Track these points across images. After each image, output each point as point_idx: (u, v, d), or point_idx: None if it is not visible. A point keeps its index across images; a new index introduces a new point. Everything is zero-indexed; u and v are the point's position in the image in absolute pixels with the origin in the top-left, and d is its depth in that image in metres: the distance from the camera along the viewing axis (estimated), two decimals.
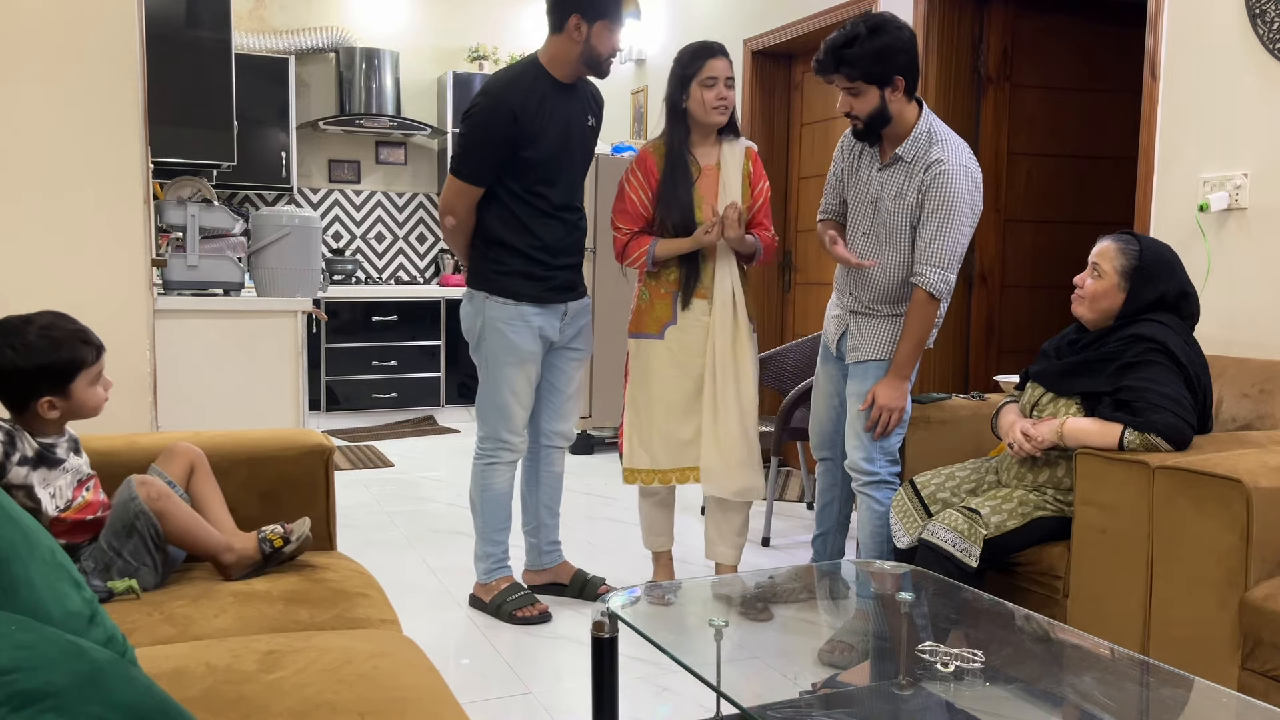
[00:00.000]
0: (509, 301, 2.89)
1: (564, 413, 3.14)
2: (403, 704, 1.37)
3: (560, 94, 2.88)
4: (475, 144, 2.81)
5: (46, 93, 2.74)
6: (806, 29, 4.68)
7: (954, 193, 2.63)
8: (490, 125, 2.77)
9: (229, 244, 3.52)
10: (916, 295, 2.69)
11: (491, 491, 3.04)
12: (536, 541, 3.23)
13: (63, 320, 1.87)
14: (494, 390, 2.95)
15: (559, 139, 2.87)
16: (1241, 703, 1.63)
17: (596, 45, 2.81)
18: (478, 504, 3.07)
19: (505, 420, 2.97)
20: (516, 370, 2.93)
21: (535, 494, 3.21)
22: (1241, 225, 2.87)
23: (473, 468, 3.07)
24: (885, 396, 2.73)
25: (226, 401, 3.36)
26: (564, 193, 2.93)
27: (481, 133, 2.79)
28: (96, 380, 1.89)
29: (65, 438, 1.93)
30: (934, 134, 2.69)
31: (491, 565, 3.09)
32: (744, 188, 3.03)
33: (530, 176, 2.84)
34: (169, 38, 5.16)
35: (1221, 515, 1.99)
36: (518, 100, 2.78)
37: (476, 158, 2.81)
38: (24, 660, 0.87)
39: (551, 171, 2.88)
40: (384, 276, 7.02)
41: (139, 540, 1.86)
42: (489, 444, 3.01)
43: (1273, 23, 2.78)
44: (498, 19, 7.08)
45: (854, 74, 2.63)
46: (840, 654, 1.95)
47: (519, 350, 2.91)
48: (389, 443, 5.85)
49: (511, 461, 3.04)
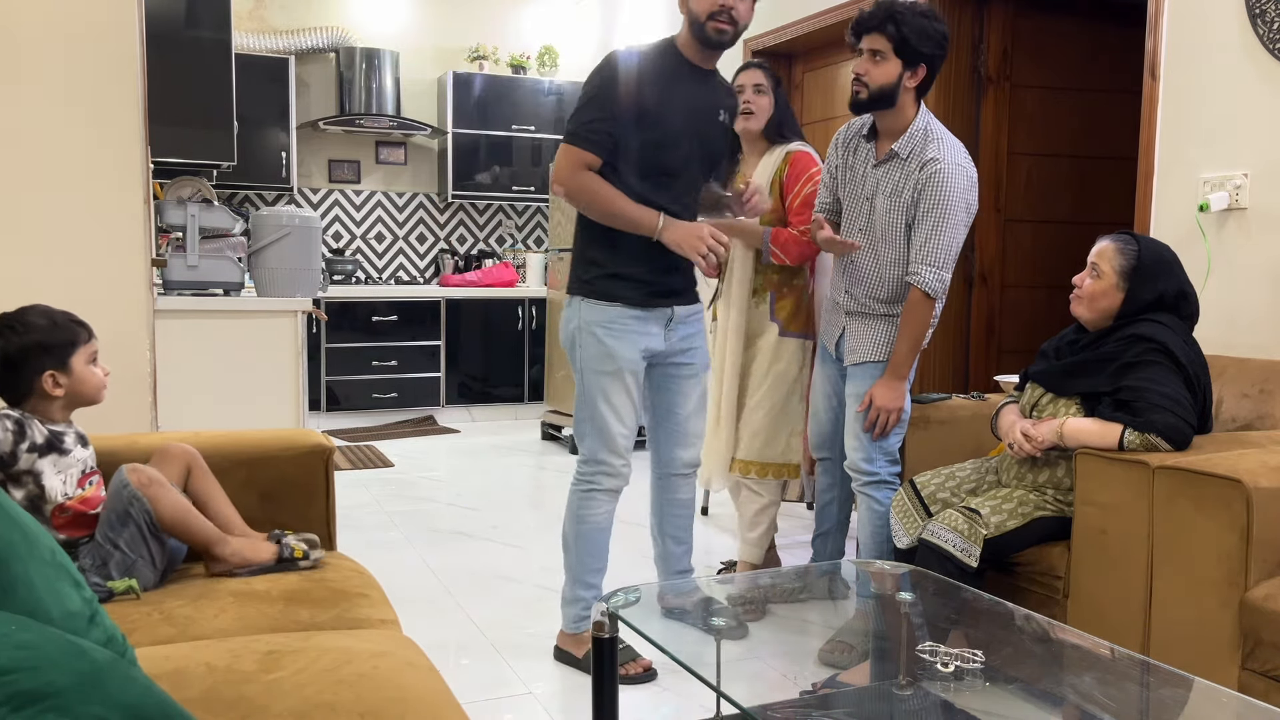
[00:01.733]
0: (605, 304, 2.58)
1: (684, 436, 2.77)
2: (403, 704, 1.37)
3: (691, 77, 2.59)
4: (591, 105, 2.51)
5: (46, 92, 2.74)
6: (806, 29, 4.68)
7: (949, 192, 2.63)
8: (610, 84, 2.49)
9: (229, 244, 3.52)
10: (912, 295, 2.69)
11: (588, 524, 2.66)
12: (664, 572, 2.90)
13: (50, 308, 1.96)
14: (590, 405, 2.61)
15: (682, 123, 2.56)
16: (1241, 703, 1.63)
17: (694, 6, 2.51)
18: (570, 539, 2.70)
19: (604, 440, 2.61)
20: (614, 381, 2.59)
21: (660, 523, 2.87)
22: (1241, 225, 2.87)
23: (569, 496, 2.71)
24: (882, 397, 2.73)
25: (226, 401, 3.36)
26: (679, 191, 2.61)
27: (600, 91, 2.50)
28: (93, 360, 1.97)
29: (73, 429, 1.95)
30: (930, 132, 2.69)
31: (582, 612, 2.70)
32: (773, 192, 3.11)
33: (648, 161, 2.54)
34: (169, 38, 5.16)
35: (1221, 515, 1.99)
36: (642, 65, 2.52)
37: (589, 119, 2.50)
38: (24, 660, 0.87)
39: (672, 159, 2.57)
40: (384, 276, 7.02)
41: (135, 529, 1.87)
42: (588, 467, 2.65)
43: (1273, 23, 2.78)
44: (498, 19, 7.07)
45: (895, 36, 2.62)
46: (840, 654, 1.96)
47: (617, 357, 2.58)
48: (389, 443, 5.85)
49: (613, 490, 2.66)
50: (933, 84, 2.72)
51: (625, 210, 2.51)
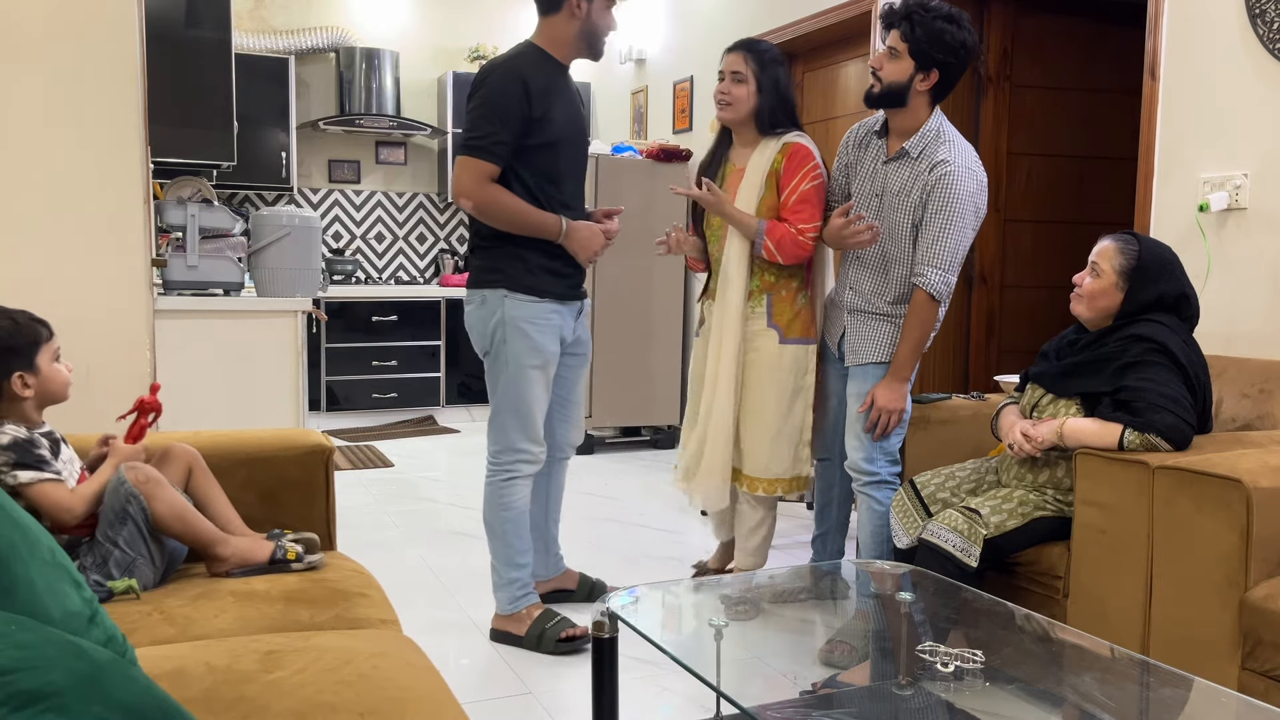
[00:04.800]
0: (533, 299, 2.69)
1: (575, 421, 2.99)
2: (403, 704, 1.37)
3: (564, 78, 2.75)
4: (486, 117, 2.60)
5: (47, 93, 2.74)
6: (806, 29, 4.68)
7: (958, 194, 2.63)
8: (504, 93, 2.58)
9: (229, 244, 3.52)
10: (917, 296, 2.69)
11: (512, 510, 2.78)
12: (543, 552, 3.08)
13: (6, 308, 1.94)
14: (517, 397, 2.71)
15: (567, 124, 2.72)
16: (1241, 703, 1.63)
17: (598, 21, 2.70)
18: (495, 527, 2.79)
19: (526, 429, 2.74)
20: (540, 373, 2.72)
21: (543, 507, 3.06)
22: (1241, 225, 2.87)
23: (486, 489, 2.81)
24: (884, 398, 2.72)
25: (226, 401, 3.36)
26: (571, 190, 2.79)
27: (495, 102, 2.59)
28: (56, 358, 1.96)
29: (46, 430, 1.94)
30: (943, 134, 2.69)
31: (517, 593, 2.82)
32: (767, 185, 2.91)
33: (539, 165, 2.67)
34: (169, 38, 5.16)
35: (1221, 515, 1.99)
36: (529, 72, 2.62)
37: (487, 132, 2.59)
38: (24, 660, 0.87)
39: (559, 163, 2.72)
40: (384, 276, 7.02)
41: (133, 527, 1.87)
42: (506, 456, 2.76)
43: (1273, 23, 2.78)
44: (498, 19, 7.07)
45: (909, 36, 2.64)
46: (840, 654, 1.95)
47: (543, 351, 2.71)
48: (389, 443, 5.85)
49: (531, 475, 2.80)
50: (950, 90, 2.71)
51: (532, 218, 2.68)
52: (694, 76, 5.82)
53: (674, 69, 6.08)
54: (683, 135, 5.92)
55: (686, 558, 3.65)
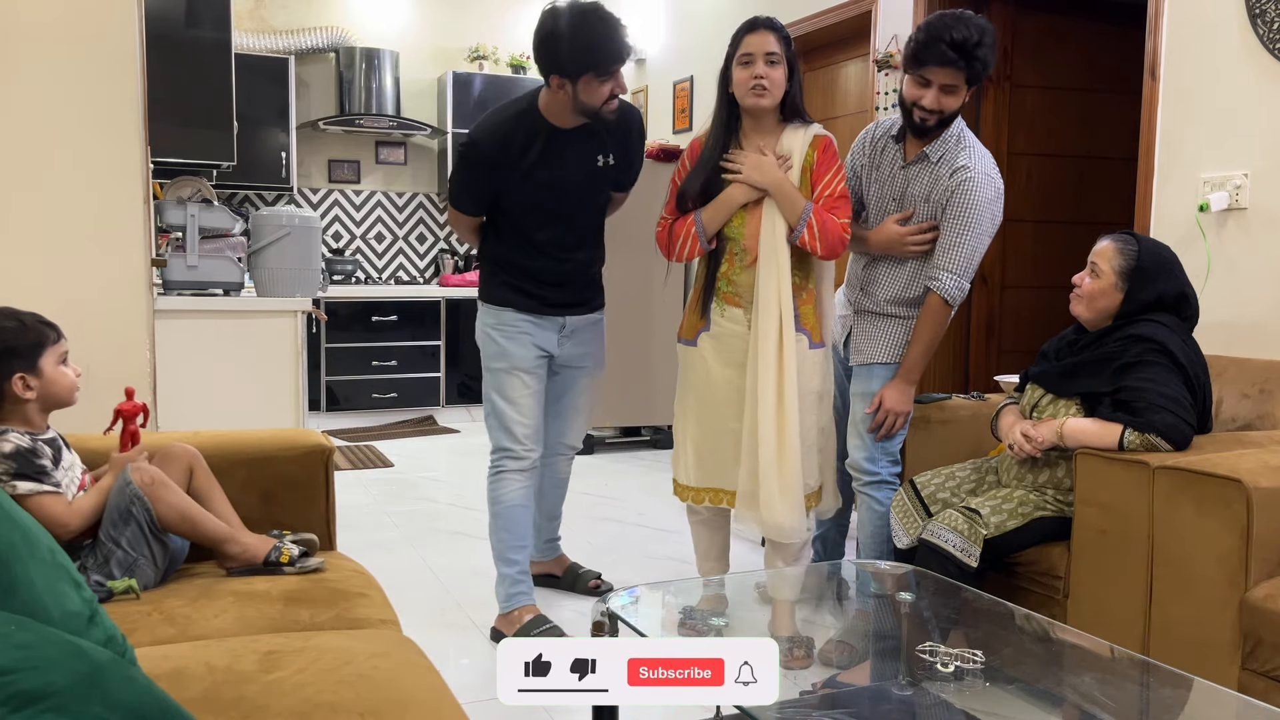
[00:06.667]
0: (499, 308, 2.84)
1: (573, 425, 3.09)
2: (403, 704, 1.37)
3: (557, 138, 2.68)
4: (461, 181, 2.80)
5: (47, 93, 2.74)
6: (807, 29, 4.68)
7: (976, 201, 2.62)
8: (471, 168, 2.73)
9: (229, 244, 3.52)
10: (930, 300, 2.68)
11: (503, 504, 2.86)
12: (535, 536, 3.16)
13: (16, 310, 1.92)
14: (490, 397, 2.88)
15: (546, 186, 2.70)
16: (1241, 703, 1.63)
17: (586, 99, 2.57)
18: (489, 521, 2.91)
19: (504, 428, 2.85)
20: (510, 377, 2.82)
21: (539, 500, 3.13)
22: (1241, 225, 2.87)
23: (486, 485, 2.94)
24: (893, 400, 2.72)
25: (226, 401, 3.35)
26: (556, 235, 2.79)
27: (464, 174, 2.78)
28: (63, 360, 1.94)
29: (49, 436, 1.93)
30: (963, 139, 2.68)
31: (510, 589, 2.86)
32: (802, 181, 2.61)
33: (514, 217, 2.78)
34: (169, 38, 5.16)
35: (1221, 515, 1.99)
36: (497, 151, 2.66)
37: (462, 192, 2.81)
38: (24, 660, 0.87)
39: (535, 218, 2.76)
40: (384, 276, 7.02)
41: (136, 528, 1.87)
42: (495, 455, 2.90)
43: (1273, 23, 2.78)
44: (498, 19, 7.07)
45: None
46: (840, 654, 1.95)
47: (509, 356, 2.82)
48: (389, 443, 5.85)
49: (517, 470, 2.86)
50: None
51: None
52: (694, 76, 5.82)
53: (674, 69, 6.08)
54: (683, 135, 5.92)
55: (686, 558, 3.64)
